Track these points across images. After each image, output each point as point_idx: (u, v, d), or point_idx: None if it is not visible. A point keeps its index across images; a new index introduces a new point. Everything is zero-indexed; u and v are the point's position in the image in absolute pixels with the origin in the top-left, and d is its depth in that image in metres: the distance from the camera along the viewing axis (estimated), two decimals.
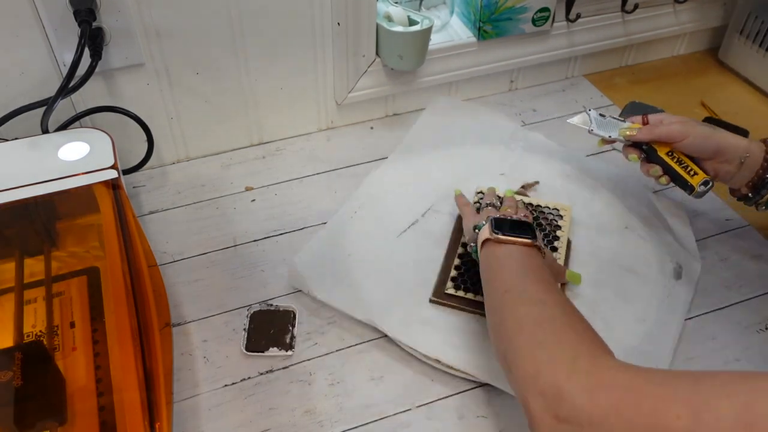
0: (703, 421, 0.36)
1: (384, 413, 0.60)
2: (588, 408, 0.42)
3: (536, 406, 0.45)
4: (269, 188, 0.85)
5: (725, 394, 0.36)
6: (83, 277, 0.60)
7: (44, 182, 0.66)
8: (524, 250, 0.58)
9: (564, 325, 0.49)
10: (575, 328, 0.49)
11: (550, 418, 0.44)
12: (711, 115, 0.97)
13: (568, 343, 0.47)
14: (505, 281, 0.56)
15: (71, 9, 0.69)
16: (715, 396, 0.37)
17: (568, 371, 0.44)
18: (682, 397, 0.38)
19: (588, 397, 0.42)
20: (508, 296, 0.54)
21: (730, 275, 0.73)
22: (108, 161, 0.69)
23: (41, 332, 0.55)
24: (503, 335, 0.52)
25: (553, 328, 0.49)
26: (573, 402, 0.43)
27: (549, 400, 0.44)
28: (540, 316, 0.50)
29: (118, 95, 0.79)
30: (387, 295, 0.68)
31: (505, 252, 0.59)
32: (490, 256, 0.60)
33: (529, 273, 0.56)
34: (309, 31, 0.83)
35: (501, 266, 0.58)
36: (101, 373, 0.53)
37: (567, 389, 0.43)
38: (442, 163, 0.85)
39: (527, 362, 0.47)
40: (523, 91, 1.03)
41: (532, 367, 0.47)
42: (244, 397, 0.61)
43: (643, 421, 0.39)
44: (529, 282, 0.55)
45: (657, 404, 0.39)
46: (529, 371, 0.47)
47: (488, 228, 0.61)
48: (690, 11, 1.05)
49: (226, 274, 0.73)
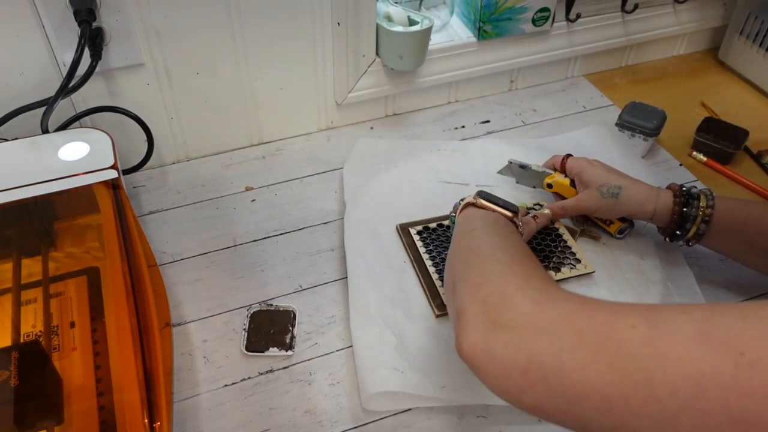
0: (660, 330, 0.34)
1: (384, 413, 0.60)
2: (535, 315, 0.40)
3: (474, 311, 0.43)
4: (269, 188, 0.85)
5: (682, 311, 0.35)
6: (83, 277, 0.60)
7: (44, 182, 0.66)
8: (501, 218, 0.60)
9: (523, 255, 0.50)
10: (534, 261, 0.50)
11: (486, 322, 0.42)
12: (711, 115, 0.97)
13: (523, 266, 0.46)
14: (475, 226, 0.57)
15: (71, 9, 0.69)
16: (673, 312, 0.35)
17: (518, 285, 0.43)
18: (639, 311, 0.37)
19: (537, 305, 0.41)
20: (474, 233, 0.55)
21: (729, 276, 0.73)
22: (108, 161, 0.69)
23: (41, 332, 0.55)
24: (458, 260, 0.51)
25: (513, 252, 0.49)
26: (519, 309, 0.41)
27: (490, 306, 0.42)
28: (501, 244, 0.51)
29: (118, 95, 0.79)
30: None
31: (481, 213, 0.61)
32: (467, 216, 0.61)
33: (500, 227, 0.57)
34: (309, 31, 0.83)
35: (475, 219, 0.59)
36: (101, 373, 0.53)
37: (514, 297, 0.42)
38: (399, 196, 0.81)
39: (477, 274, 0.46)
40: (523, 91, 1.03)
41: (481, 277, 0.45)
42: (244, 397, 0.61)
43: (595, 329, 0.37)
44: (498, 227, 0.57)
45: (611, 315, 0.37)
46: (477, 281, 0.46)
47: (473, 195, 0.63)
48: (690, 11, 1.05)
49: (226, 274, 0.73)
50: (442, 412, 0.60)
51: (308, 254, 0.75)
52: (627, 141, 0.88)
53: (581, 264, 0.71)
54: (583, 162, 0.73)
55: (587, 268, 0.71)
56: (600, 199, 0.69)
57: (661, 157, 0.90)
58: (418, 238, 0.74)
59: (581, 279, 0.70)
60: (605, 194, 0.69)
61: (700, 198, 0.66)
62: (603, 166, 0.72)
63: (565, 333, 0.38)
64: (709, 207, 0.66)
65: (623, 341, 0.35)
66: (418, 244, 0.74)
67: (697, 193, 0.67)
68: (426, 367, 0.62)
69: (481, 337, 0.41)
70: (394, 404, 0.60)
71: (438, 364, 0.62)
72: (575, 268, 0.71)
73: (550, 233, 0.74)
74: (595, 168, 0.71)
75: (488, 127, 0.96)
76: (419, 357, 0.63)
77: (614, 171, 0.71)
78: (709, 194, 0.67)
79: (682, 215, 0.67)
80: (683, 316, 0.34)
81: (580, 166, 0.72)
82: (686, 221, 0.67)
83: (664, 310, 0.36)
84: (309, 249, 0.76)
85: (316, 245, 0.77)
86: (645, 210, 0.69)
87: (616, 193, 0.68)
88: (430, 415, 0.60)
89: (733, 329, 0.32)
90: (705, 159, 0.89)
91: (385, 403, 0.60)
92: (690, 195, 0.67)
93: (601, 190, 0.69)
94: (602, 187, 0.69)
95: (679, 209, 0.67)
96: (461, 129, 0.95)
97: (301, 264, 0.74)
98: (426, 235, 0.75)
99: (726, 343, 0.32)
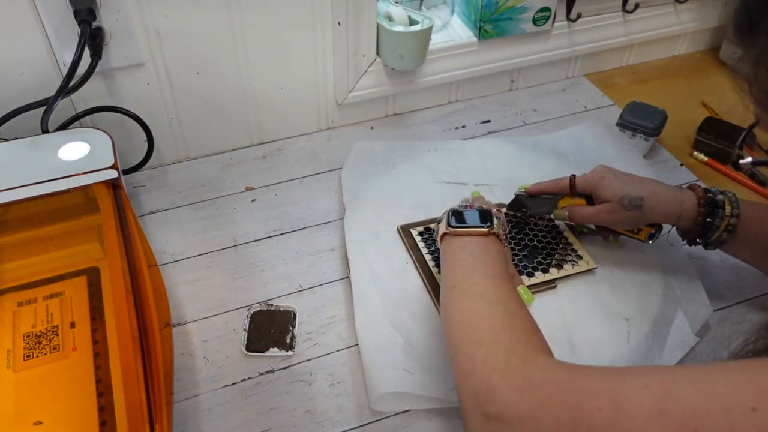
0: (622, 411, 0.38)
1: (384, 413, 0.60)
2: (517, 406, 0.42)
3: (468, 404, 0.45)
4: (269, 188, 0.85)
5: (645, 385, 0.38)
6: (83, 277, 0.60)
7: (44, 182, 0.66)
8: (480, 241, 0.59)
9: (503, 323, 0.50)
10: (513, 325, 0.50)
11: (480, 416, 0.44)
12: (712, 115, 0.97)
13: (504, 343, 0.48)
14: (455, 276, 0.56)
15: (71, 9, 0.69)
16: (636, 388, 0.38)
17: (501, 370, 0.45)
18: (605, 391, 0.39)
19: (517, 395, 0.43)
20: (455, 291, 0.55)
21: (730, 276, 0.73)
22: (108, 161, 0.69)
23: (41, 332, 0.55)
24: (448, 330, 0.53)
25: (491, 326, 0.49)
26: (503, 400, 0.43)
27: (480, 398, 0.44)
28: (481, 312, 0.51)
29: (118, 95, 0.79)
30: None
31: (459, 245, 0.59)
32: (446, 250, 0.61)
33: (480, 267, 0.56)
34: (309, 31, 0.83)
35: (455, 260, 0.58)
36: (101, 373, 0.53)
37: (498, 388, 0.44)
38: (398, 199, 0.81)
39: (464, 360, 0.48)
40: (524, 91, 1.03)
41: (468, 365, 0.47)
42: (245, 398, 0.61)
43: (568, 415, 0.40)
44: (477, 276, 0.55)
45: (581, 399, 0.40)
46: (465, 368, 0.47)
47: (445, 221, 0.62)
48: (690, 11, 1.05)
49: (227, 274, 0.73)
50: (443, 413, 0.60)
51: (308, 254, 0.75)
52: (627, 141, 0.88)
53: (583, 260, 0.71)
54: (593, 177, 0.69)
55: (589, 265, 0.71)
56: (623, 212, 0.66)
57: (661, 157, 0.90)
58: (420, 239, 0.74)
59: (583, 275, 0.70)
60: (627, 207, 0.66)
61: (725, 206, 0.64)
62: (614, 176, 0.68)
63: (544, 420, 0.41)
64: (734, 216, 0.64)
65: (592, 426, 0.39)
66: (420, 245, 0.73)
67: (722, 201, 0.64)
68: (434, 368, 0.62)
69: (479, 428, 0.45)
70: (402, 405, 0.60)
71: (446, 365, 0.62)
72: (577, 265, 0.71)
73: (551, 230, 0.74)
74: (609, 180, 0.67)
75: (489, 126, 0.96)
76: (428, 358, 0.63)
77: (627, 177, 0.68)
78: (734, 201, 0.64)
79: (705, 225, 0.65)
80: (645, 393, 0.37)
81: (592, 184, 0.68)
82: (709, 230, 0.65)
83: (629, 384, 0.39)
84: (309, 249, 0.76)
85: (316, 245, 0.76)
86: (669, 219, 0.66)
87: (638, 205, 0.65)
88: (430, 416, 0.60)
89: (688, 404, 0.36)
90: (706, 159, 0.88)
91: (392, 404, 0.60)
92: (715, 203, 0.64)
93: (623, 203, 0.65)
94: (623, 200, 0.65)
95: (703, 219, 0.65)
96: (462, 129, 0.95)
97: (302, 264, 0.74)
98: (427, 236, 0.75)
99: (682, 421, 0.35)
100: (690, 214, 0.65)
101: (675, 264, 0.72)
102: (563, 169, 0.79)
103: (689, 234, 0.67)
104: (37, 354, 0.54)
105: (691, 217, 0.65)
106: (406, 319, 0.66)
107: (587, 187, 0.69)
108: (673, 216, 0.66)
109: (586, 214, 0.69)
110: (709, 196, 0.65)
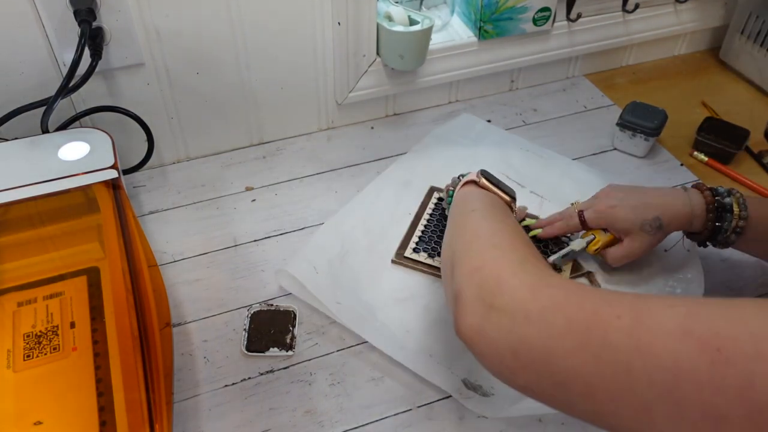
0: (644, 324, 0.35)
1: (384, 413, 0.60)
2: (527, 302, 0.41)
3: (470, 294, 0.44)
4: (269, 188, 0.85)
5: (669, 305, 0.36)
6: (83, 277, 0.60)
7: (44, 182, 0.66)
8: (498, 200, 0.61)
9: (522, 242, 0.50)
10: (530, 247, 0.50)
11: (482, 306, 0.43)
12: (712, 115, 0.97)
13: (520, 251, 0.47)
14: (475, 204, 0.58)
15: (71, 9, 0.69)
16: (659, 305, 0.36)
17: (514, 269, 0.44)
18: (627, 302, 0.38)
19: (529, 292, 0.42)
20: (474, 213, 0.56)
21: (731, 275, 0.73)
22: (108, 161, 0.69)
23: (41, 332, 0.55)
24: (457, 242, 0.53)
25: (510, 238, 0.50)
26: (513, 294, 0.42)
27: (486, 290, 0.44)
28: (499, 229, 0.52)
29: (118, 95, 0.79)
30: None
31: (481, 193, 0.61)
32: (466, 194, 0.62)
33: (501, 212, 0.58)
34: (309, 31, 0.83)
35: (474, 198, 0.60)
36: (101, 373, 0.53)
37: (509, 283, 0.43)
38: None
39: (475, 257, 0.47)
40: (524, 91, 1.03)
41: (479, 261, 0.47)
42: (245, 398, 0.61)
43: (583, 317, 0.38)
44: (499, 213, 0.57)
45: (599, 304, 0.38)
46: (474, 264, 0.47)
47: (476, 173, 0.63)
48: (691, 11, 1.05)
49: (226, 274, 0.73)
50: (443, 413, 0.60)
51: None
52: (628, 140, 0.88)
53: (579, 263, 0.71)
54: (603, 211, 0.67)
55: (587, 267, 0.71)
56: (648, 238, 0.65)
57: (662, 157, 0.90)
58: (435, 202, 0.79)
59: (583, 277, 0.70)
60: (650, 232, 0.65)
61: (732, 209, 0.64)
62: (622, 202, 0.66)
63: (554, 320, 0.39)
64: (743, 219, 0.63)
65: (608, 331, 0.36)
66: (429, 206, 0.78)
67: (730, 204, 0.64)
68: (340, 283, 0.67)
69: (477, 320, 0.43)
70: (296, 291, 0.69)
71: (350, 286, 0.68)
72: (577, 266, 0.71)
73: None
74: (620, 210, 0.66)
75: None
76: (344, 274, 0.69)
77: (634, 198, 0.66)
78: (742, 202, 0.64)
79: (714, 230, 0.65)
80: (669, 311, 0.35)
81: (604, 217, 0.67)
82: (718, 233, 0.65)
83: (652, 301, 0.37)
84: None
85: None
86: (683, 226, 0.66)
87: (659, 225, 0.64)
88: (431, 416, 0.60)
89: (714, 326, 0.33)
90: (706, 159, 0.88)
91: (290, 286, 0.69)
92: (723, 207, 0.64)
93: (645, 229, 0.65)
94: (644, 227, 0.65)
95: (712, 224, 0.65)
96: None
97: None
98: (439, 203, 0.79)
99: (705, 340, 0.32)
100: (700, 216, 0.65)
101: (675, 264, 0.72)
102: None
103: (698, 237, 0.67)
104: (37, 354, 0.54)
105: (701, 219, 0.65)
106: (361, 243, 0.72)
107: (601, 222, 0.67)
108: (686, 222, 0.65)
109: (619, 255, 0.67)
110: (717, 200, 0.65)
